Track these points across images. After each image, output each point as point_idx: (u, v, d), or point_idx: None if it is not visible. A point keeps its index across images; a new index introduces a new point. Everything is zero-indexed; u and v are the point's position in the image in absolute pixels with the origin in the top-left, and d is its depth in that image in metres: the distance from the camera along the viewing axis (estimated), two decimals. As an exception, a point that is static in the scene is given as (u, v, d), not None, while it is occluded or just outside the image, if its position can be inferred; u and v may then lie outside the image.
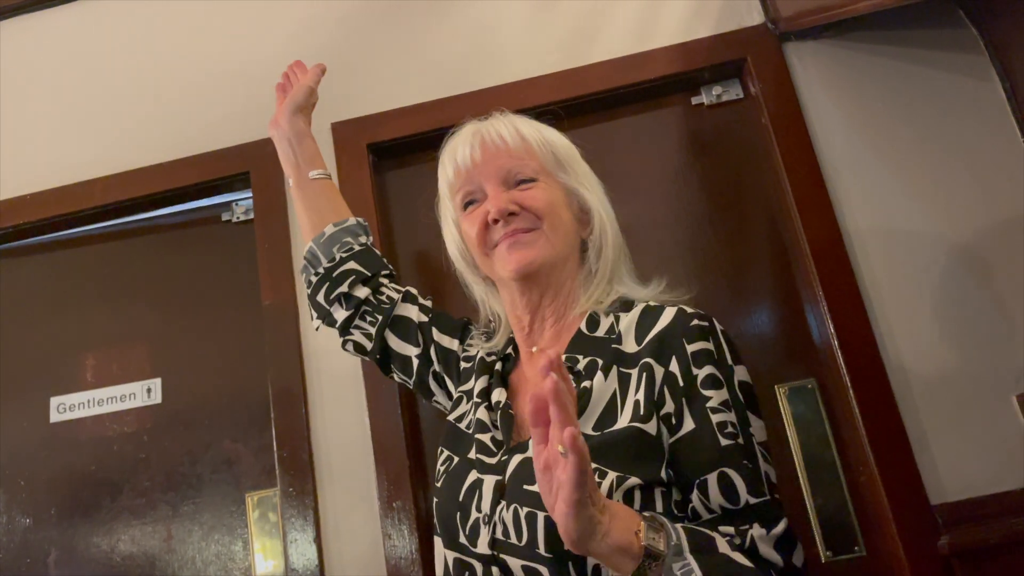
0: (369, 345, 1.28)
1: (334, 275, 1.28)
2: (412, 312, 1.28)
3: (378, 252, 1.34)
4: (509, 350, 1.18)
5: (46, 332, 1.92)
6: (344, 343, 1.32)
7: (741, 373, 0.98)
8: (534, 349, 1.12)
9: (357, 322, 1.28)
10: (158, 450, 1.80)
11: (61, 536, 1.78)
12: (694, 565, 0.79)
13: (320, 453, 1.66)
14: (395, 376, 1.32)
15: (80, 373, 1.88)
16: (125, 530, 1.76)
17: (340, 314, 1.28)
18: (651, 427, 0.93)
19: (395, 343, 1.27)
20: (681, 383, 0.95)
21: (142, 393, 1.85)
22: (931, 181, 1.63)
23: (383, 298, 1.28)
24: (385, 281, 1.31)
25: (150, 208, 1.93)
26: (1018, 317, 1.54)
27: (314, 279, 1.31)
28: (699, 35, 1.78)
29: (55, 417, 1.86)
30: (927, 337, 1.55)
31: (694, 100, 1.81)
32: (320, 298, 1.30)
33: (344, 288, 1.27)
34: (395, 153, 1.85)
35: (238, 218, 1.90)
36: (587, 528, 0.73)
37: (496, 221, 1.07)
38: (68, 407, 1.86)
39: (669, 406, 0.94)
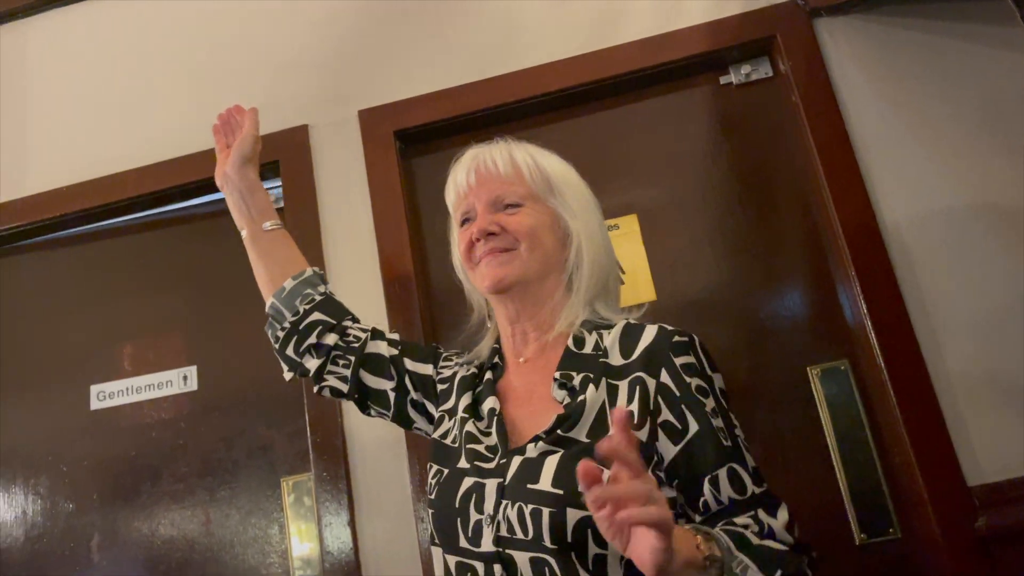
0: (345, 387, 1.31)
1: (301, 327, 1.31)
2: (382, 348, 1.32)
3: (338, 299, 1.37)
4: (496, 359, 1.24)
5: (85, 322, 1.96)
6: (320, 390, 1.34)
7: (719, 381, 1.08)
8: (521, 359, 1.20)
9: (330, 367, 1.31)
10: (195, 436, 1.84)
11: (103, 520, 1.82)
12: (746, 560, 0.89)
13: (352, 438, 1.68)
14: (372, 412, 1.35)
15: (118, 361, 1.92)
16: (165, 514, 1.80)
17: (312, 363, 1.31)
18: (641, 434, 1.01)
19: (370, 380, 1.31)
20: (677, 392, 1.04)
21: (178, 380, 1.88)
22: (966, 158, 1.60)
23: (351, 339, 1.32)
24: (350, 324, 1.34)
25: (182, 198, 1.96)
26: (1058, 295, 1.51)
27: (281, 334, 1.33)
28: (727, 13, 1.76)
29: (95, 404, 1.90)
30: (962, 316, 1.53)
31: (722, 80, 1.79)
32: (290, 351, 1.32)
33: (313, 339, 1.31)
34: (422, 139, 1.86)
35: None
36: (668, 558, 0.78)
37: (478, 239, 1.17)
38: (108, 395, 1.90)
39: (667, 414, 1.03)
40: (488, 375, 1.21)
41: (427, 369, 1.30)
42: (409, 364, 1.30)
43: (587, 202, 1.23)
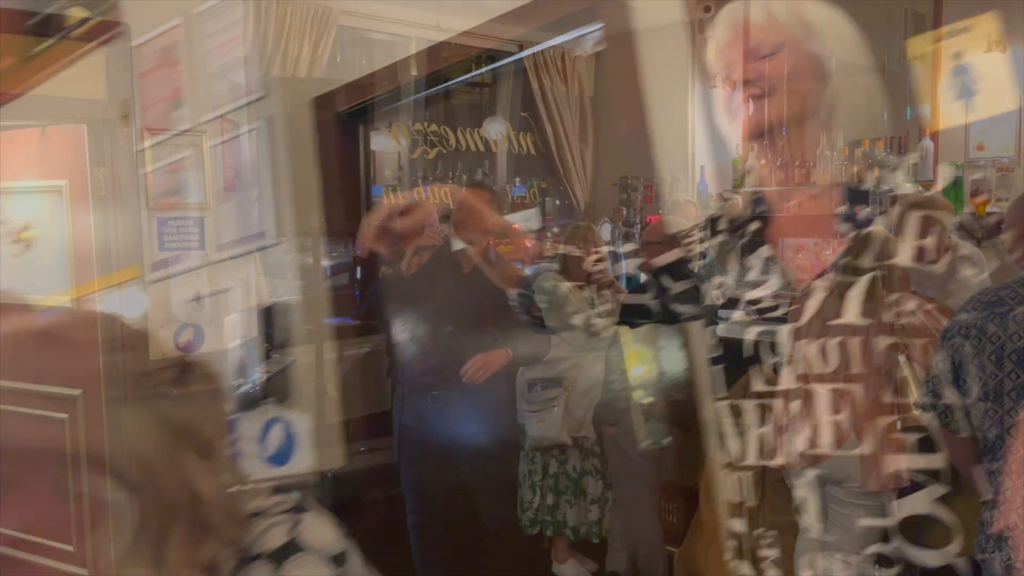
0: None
1: None
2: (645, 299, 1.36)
3: None
4: (762, 209, 1.25)
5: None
6: None
7: None
8: (792, 203, 1.21)
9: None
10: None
11: (471, 343, 2.17)
12: None
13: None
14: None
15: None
16: (522, 338, 2.09)
17: None
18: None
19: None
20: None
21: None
22: None
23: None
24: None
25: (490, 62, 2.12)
26: None
27: None
28: None
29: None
30: None
31: None
32: None
33: None
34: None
35: (589, 51, 2.00)
36: None
37: (735, 88, 1.20)
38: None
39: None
40: (757, 225, 1.24)
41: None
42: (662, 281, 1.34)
43: (848, 42, 1.20)
